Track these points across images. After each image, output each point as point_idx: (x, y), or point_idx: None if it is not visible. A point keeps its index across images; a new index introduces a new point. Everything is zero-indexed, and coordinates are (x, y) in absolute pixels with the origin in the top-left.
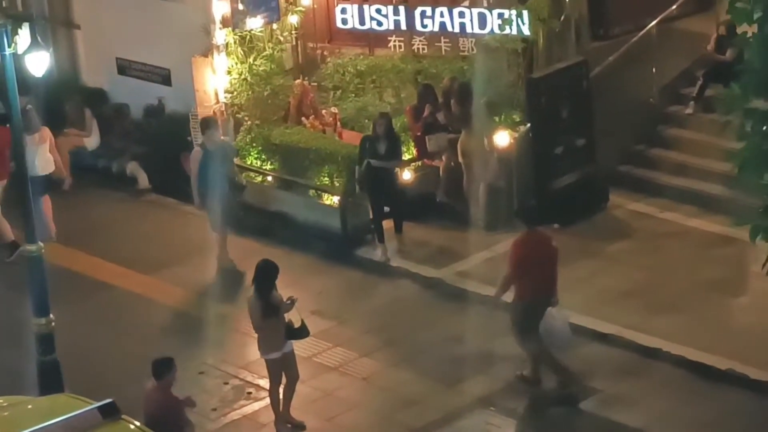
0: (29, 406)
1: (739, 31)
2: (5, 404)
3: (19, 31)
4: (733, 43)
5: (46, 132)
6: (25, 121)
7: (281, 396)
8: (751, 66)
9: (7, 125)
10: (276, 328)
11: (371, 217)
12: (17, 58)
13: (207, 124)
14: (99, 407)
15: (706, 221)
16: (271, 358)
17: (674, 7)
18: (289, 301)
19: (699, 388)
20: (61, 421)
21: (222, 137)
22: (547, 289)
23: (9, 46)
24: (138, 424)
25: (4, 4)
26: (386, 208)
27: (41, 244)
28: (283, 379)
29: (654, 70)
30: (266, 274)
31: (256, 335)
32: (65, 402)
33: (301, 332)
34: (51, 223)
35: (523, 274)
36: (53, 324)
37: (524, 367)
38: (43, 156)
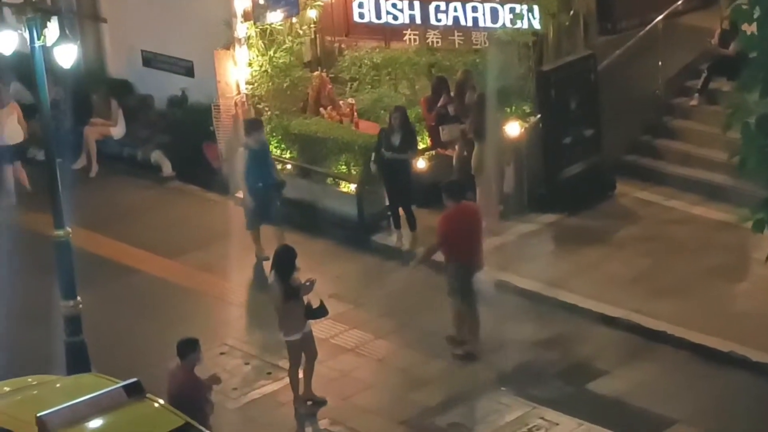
0: (57, 385)
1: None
2: (34, 383)
3: (48, 24)
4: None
5: (14, 106)
6: None
7: (301, 375)
8: (755, 63)
9: None
10: (296, 310)
11: (387, 204)
12: (46, 50)
13: (252, 125)
14: (124, 386)
15: (709, 209)
16: (292, 339)
17: (680, 2)
18: (308, 283)
19: (701, 369)
20: (87, 399)
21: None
22: (474, 256)
23: (39, 39)
24: (162, 402)
25: None
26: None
27: (68, 229)
28: (303, 359)
29: (660, 63)
30: (285, 258)
31: (276, 317)
32: (92, 381)
33: (320, 312)
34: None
35: (451, 245)
36: (80, 306)
37: (458, 330)
38: (11, 126)
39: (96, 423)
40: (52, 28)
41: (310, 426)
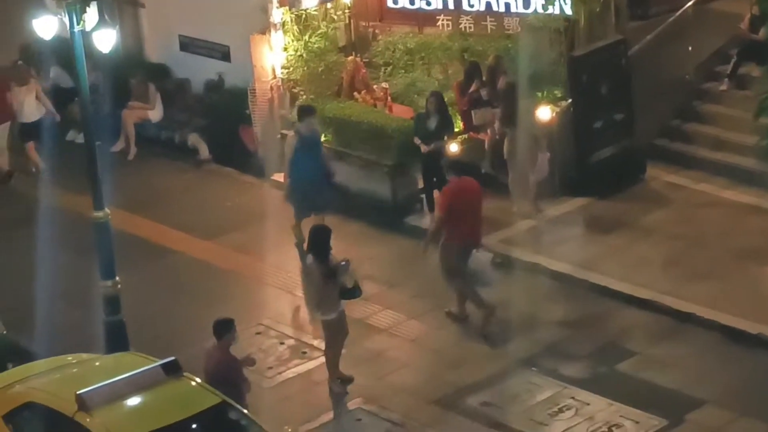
0: (96, 364)
1: None
2: (74, 361)
3: (88, 9)
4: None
5: (35, 86)
6: (17, 75)
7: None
8: None
9: None
10: (333, 290)
11: (421, 187)
12: (86, 35)
13: (304, 111)
14: (162, 365)
15: (739, 193)
16: (329, 318)
17: None
18: (344, 263)
19: (730, 351)
20: (126, 377)
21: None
22: (474, 233)
23: (78, 24)
24: (198, 380)
25: None
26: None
27: (107, 210)
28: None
29: (690, 48)
30: (321, 238)
31: (312, 297)
32: (130, 360)
33: (354, 292)
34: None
35: (453, 218)
36: (119, 286)
37: (452, 305)
38: (30, 104)
39: (134, 401)
40: (92, 13)
41: (344, 404)
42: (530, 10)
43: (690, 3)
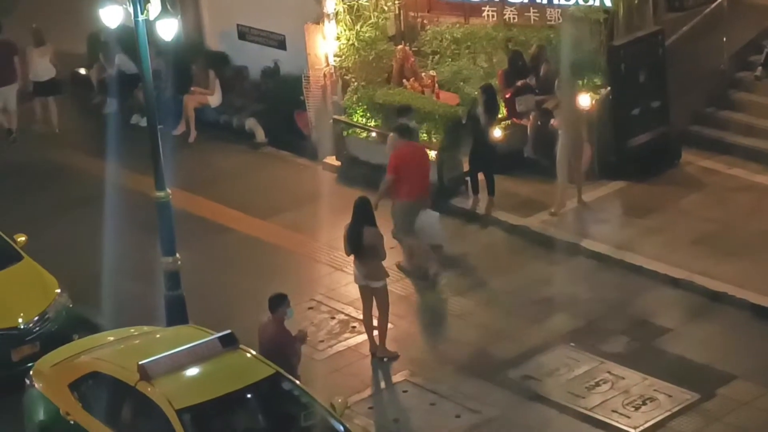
0: (157, 336)
1: None
2: (137, 333)
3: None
4: None
5: (49, 48)
6: (34, 38)
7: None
8: None
9: None
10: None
11: (467, 170)
12: (149, 24)
13: (402, 111)
14: (219, 337)
15: None
16: (383, 284)
17: None
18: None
19: (761, 329)
20: (185, 348)
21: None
22: (421, 191)
23: (142, 13)
24: (254, 353)
25: None
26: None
27: (169, 190)
28: (376, 311)
29: (724, 39)
30: (368, 206)
31: (366, 267)
32: (189, 332)
33: None
34: (54, 120)
35: (401, 179)
36: (179, 262)
37: (402, 259)
38: (44, 65)
39: (193, 371)
40: (155, 3)
41: (392, 376)
42: (572, 2)
43: None
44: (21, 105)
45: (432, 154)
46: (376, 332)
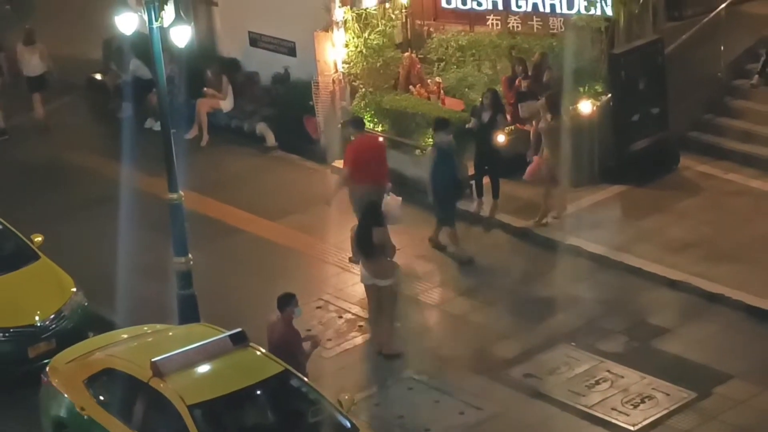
0: (170, 333)
1: None
2: (150, 331)
3: (165, 7)
4: None
5: (40, 47)
6: (25, 37)
7: (381, 324)
8: None
9: None
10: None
11: (472, 173)
12: (163, 30)
13: (441, 125)
14: (230, 335)
15: (765, 182)
16: (392, 282)
17: None
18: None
19: (756, 329)
20: (197, 346)
21: (343, 103)
22: (379, 179)
23: (156, 20)
24: (263, 350)
25: None
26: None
27: (181, 192)
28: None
29: (722, 47)
30: (378, 208)
31: (373, 266)
32: (201, 330)
33: None
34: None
35: (359, 169)
36: (191, 262)
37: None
38: (34, 62)
39: (204, 368)
40: (169, 11)
41: (397, 374)
42: (574, 11)
43: (723, 5)
44: (7, 101)
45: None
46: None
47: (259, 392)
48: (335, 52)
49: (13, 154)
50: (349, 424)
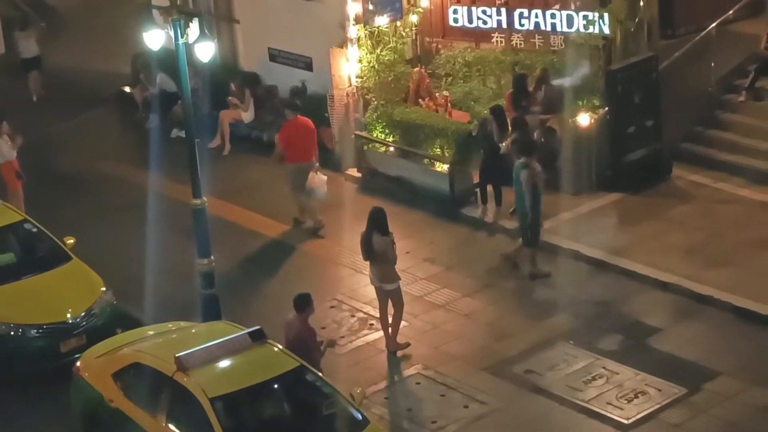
0: (193, 330)
1: None
2: (174, 328)
3: (190, 24)
4: None
5: (33, 32)
6: (20, 22)
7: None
8: None
9: None
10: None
11: (477, 182)
12: (188, 46)
13: (527, 149)
14: (249, 333)
15: (754, 191)
16: (398, 286)
17: (731, 11)
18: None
19: (743, 329)
20: (218, 342)
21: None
22: (308, 157)
23: (182, 37)
24: (280, 347)
25: (178, 2)
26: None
27: (204, 198)
28: (391, 309)
29: (713, 64)
30: (384, 217)
31: (381, 271)
32: (222, 328)
33: None
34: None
35: (289, 147)
36: (213, 264)
37: (301, 215)
38: (30, 45)
39: (225, 363)
40: (194, 28)
41: (405, 370)
42: (573, 29)
43: (713, 24)
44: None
45: (444, 167)
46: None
47: (276, 386)
48: (349, 67)
49: (47, 162)
50: (360, 417)
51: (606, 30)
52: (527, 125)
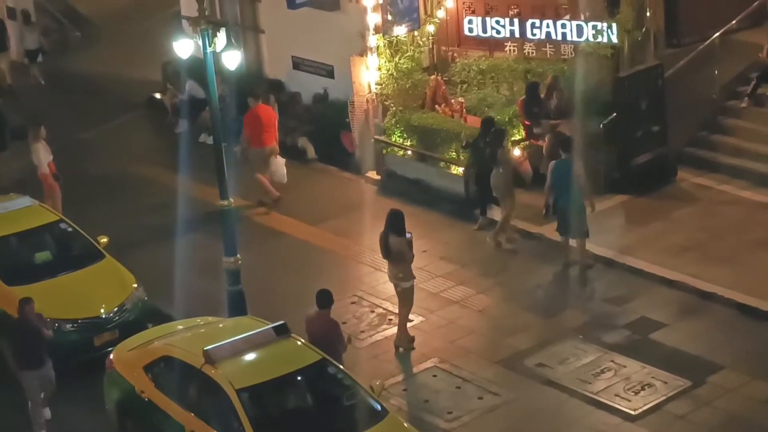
0: (220, 325)
1: None
2: (202, 323)
3: (218, 34)
4: None
5: (36, 26)
6: (23, 18)
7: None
8: None
9: None
10: (411, 260)
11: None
12: (216, 55)
13: (569, 145)
14: (274, 327)
15: (755, 193)
16: (411, 285)
17: (734, 21)
18: (410, 235)
19: (745, 324)
20: (244, 336)
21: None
22: (270, 141)
23: (210, 46)
24: (303, 341)
25: (206, 13)
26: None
27: (231, 199)
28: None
29: (716, 71)
30: (401, 219)
31: (396, 270)
32: (248, 322)
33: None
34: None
35: (252, 131)
36: (240, 262)
37: (264, 196)
38: (32, 38)
39: (250, 356)
40: (221, 37)
41: (422, 363)
42: (583, 39)
43: (717, 34)
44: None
45: (459, 170)
46: (408, 325)
47: (299, 378)
48: (369, 74)
49: (82, 165)
50: (379, 407)
51: (614, 39)
52: (558, 129)
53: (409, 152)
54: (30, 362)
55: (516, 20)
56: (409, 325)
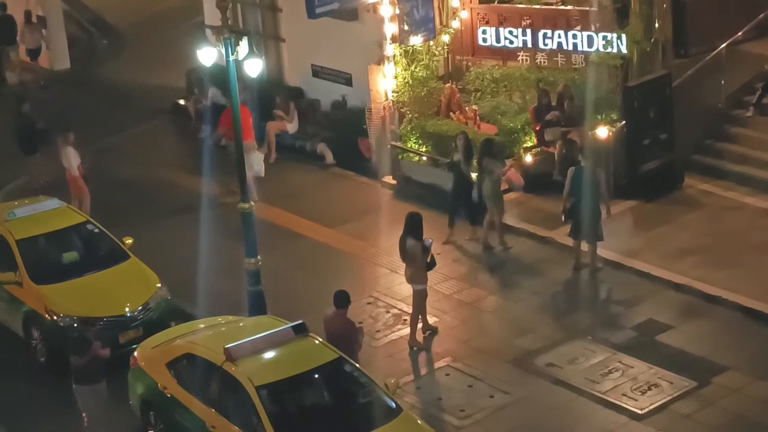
0: (240, 324)
1: None
2: (223, 322)
3: (240, 42)
4: None
5: (38, 25)
6: (26, 18)
7: (420, 317)
8: None
9: None
10: (425, 264)
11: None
12: (238, 63)
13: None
14: (293, 326)
15: (759, 199)
16: (423, 288)
17: (740, 33)
18: (430, 241)
19: (750, 327)
20: (264, 335)
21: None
22: (247, 138)
23: (232, 54)
24: (321, 340)
25: (229, 22)
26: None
27: (252, 203)
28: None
29: (723, 81)
30: (418, 222)
31: (409, 272)
32: (267, 322)
33: (432, 265)
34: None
35: (231, 130)
36: (260, 263)
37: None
38: (34, 37)
39: (270, 354)
40: (243, 46)
41: (436, 362)
42: (593, 49)
43: (723, 45)
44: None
45: (473, 175)
46: (420, 325)
47: (316, 375)
48: (386, 82)
49: (108, 169)
50: (394, 405)
51: (624, 49)
52: (570, 137)
53: (425, 158)
54: (86, 378)
55: (528, 31)
56: (421, 325)
